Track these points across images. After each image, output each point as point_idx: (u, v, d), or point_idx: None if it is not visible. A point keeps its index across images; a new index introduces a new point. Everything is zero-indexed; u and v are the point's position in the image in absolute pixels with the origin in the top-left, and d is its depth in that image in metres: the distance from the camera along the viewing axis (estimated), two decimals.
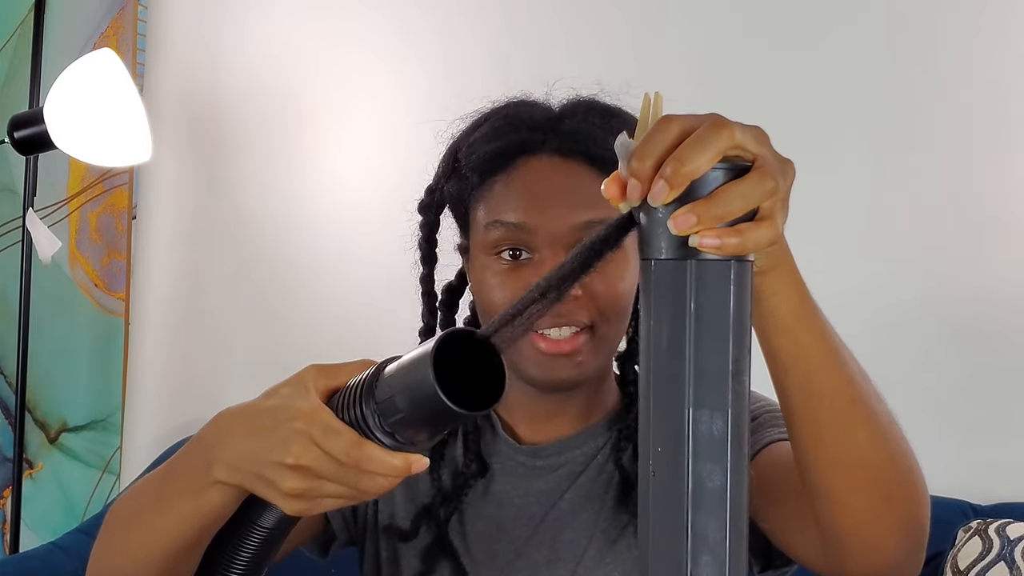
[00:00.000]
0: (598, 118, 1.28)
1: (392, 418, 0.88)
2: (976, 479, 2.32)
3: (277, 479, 0.91)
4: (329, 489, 0.91)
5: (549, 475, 1.32)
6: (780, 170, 0.74)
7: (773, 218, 0.73)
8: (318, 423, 0.90)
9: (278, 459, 0.91)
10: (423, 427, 0.89)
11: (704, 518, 0.71)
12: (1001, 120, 2.36)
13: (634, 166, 0.72)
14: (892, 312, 2.39)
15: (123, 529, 1.09)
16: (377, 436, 0.89)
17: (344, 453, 0.89)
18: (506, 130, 1.27)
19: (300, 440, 0.90)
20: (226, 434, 0.97)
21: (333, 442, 0.89)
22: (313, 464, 0.90)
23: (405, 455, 0.90)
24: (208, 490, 0.98)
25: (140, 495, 1.10)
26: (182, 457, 1.04)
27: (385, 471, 0.90)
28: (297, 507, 0.93)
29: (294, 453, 0.90)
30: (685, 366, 0.71)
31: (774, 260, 0.83)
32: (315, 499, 0.93)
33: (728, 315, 0.71)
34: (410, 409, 0.86)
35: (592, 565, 1.28)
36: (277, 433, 0.92)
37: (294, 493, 0.91)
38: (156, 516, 1.03)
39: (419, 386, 0.85)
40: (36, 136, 2.39)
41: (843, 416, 0.94)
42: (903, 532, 1.01)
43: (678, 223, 0.70)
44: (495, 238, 1.24)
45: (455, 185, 1.30)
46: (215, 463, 0.96)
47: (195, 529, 1.01)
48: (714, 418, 0.71)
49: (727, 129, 0.71)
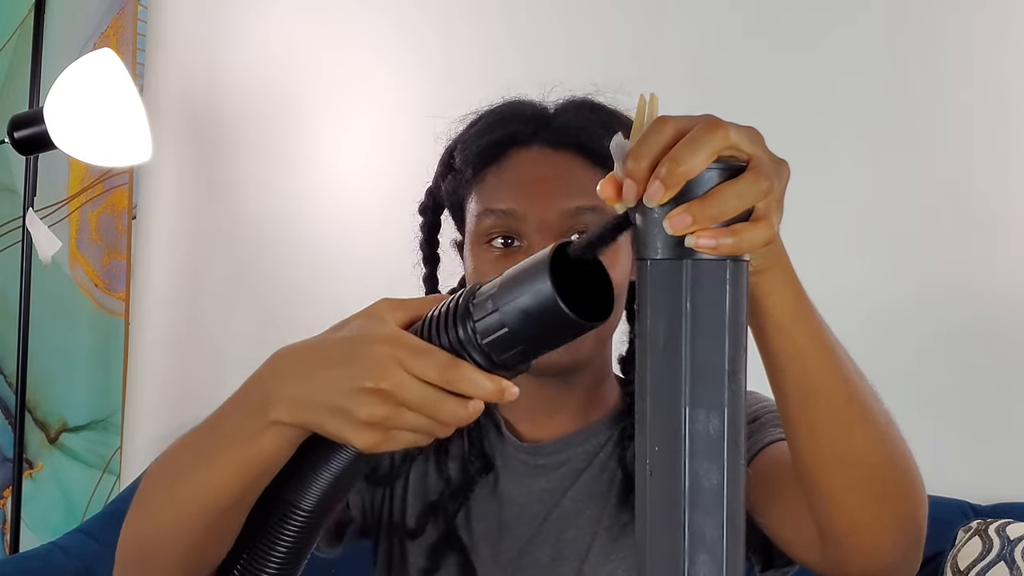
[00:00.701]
0: (590, 113, 1.31)
1: (494, 335, 0.82)
2: (976, 479, 2.32)
3: (353, 407, 0.84)
4: (408, 420, 0.85)
5: (552, 473, 1.32)
6: (775, 170, 0.74)
7: (768, 218, 0.73)
8: (405, 345, 0.84)
9: (357, 384, 0.84)
10: (527, 343, 0.83)
11: (701, 517, 0.71)
12: (1001, 120, 2.36)
13: (629, 166, 0.73)
14: (892, 312, 2.39)
15: (164, 486, 1.01)
16: (472, 357, 0.84)
17: (438, 372, 0.83)
18: (499, 124, 1.30)
19: (384, 362, 0.83)
20: (289, 370, 0.90)
21: (425, 362, 0.83)
22: (397, 388, 0.83)
23: (497, 378, 0.84)
24: (263, 433, 0.90)
25: (183, 449, 1.01)
26: (232, 403, 0.96)
27: (478, 392, 0.84)
28: (371, 439, 0.85)
29: (375, 376, 0.83)
30: (681, 366, 0.71)
31: (770, 260, 0.84)
32: (391, 431, 0.85)
33: (724, 315, 0.71)
34: (518, 322, 0.81)
35: (597, 563, 1.28)
36: (356, 360, 0.85)
37: (372, 421, 0.84)
38: (202, 468, 0.95)
39: (532, 296, 0.80)
40: (36, 136, 2.39)
41: (839, 415, 0.94)
42: (900, 531, 1.01)
43: (673, 223, 0.70)
44: (486, 226, 1.26)
45: (451, 182, 1.32)
46: (274, 402, 0.89)
47: (246, 479, 0.93)
48: (710, 417, 0.71)
49: (722, 129, 0.72)
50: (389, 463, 1.36)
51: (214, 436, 0.96)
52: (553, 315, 0.80)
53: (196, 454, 0.98)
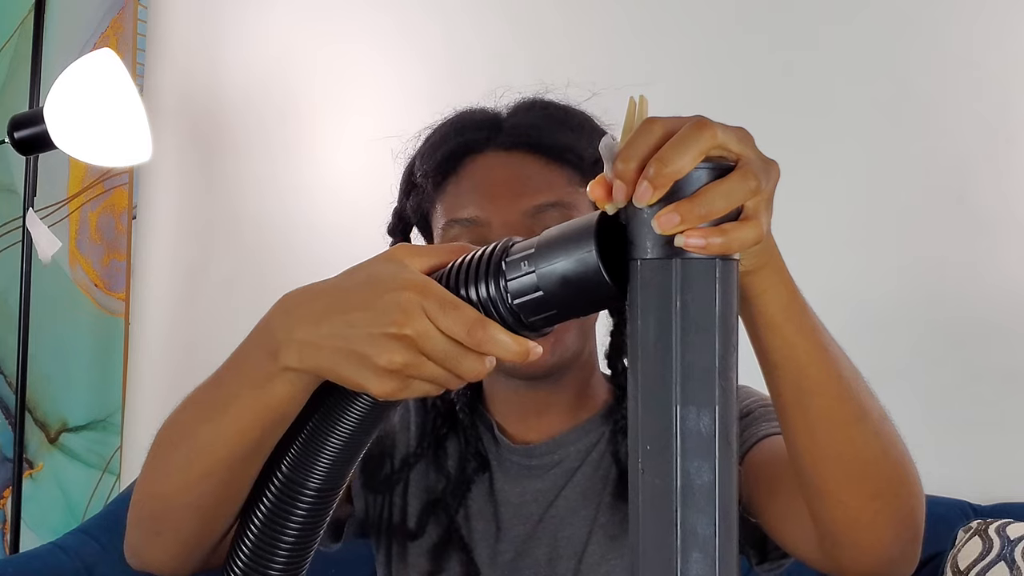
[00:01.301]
0: (541, 111, 1.31)
1: (527, 296, 0.80)
2: (976, 479, 2.32)
3: (374, 352, 0.81)
4: (428, 370, 0.82)
5: (546, 473, 1.33)
6: (763, 169, 0.75)
7: (757, 217, 0.74)
8: (432, 295, 0.81)
9: (379, 329, 0.81)
10: (559, 308, 0.81)
11: (693, 515, 0.72)
12: (1001, 120, 2.36)
13: (619, 168, 0.73)
14: (892, 311, 2.39)
15: (172, 444, 0.98)
16: (500, 316, 0.82)
17: (467, 330, 0.80)
18: (452, 135, 1.30)
19: (409, 308, 0.80)
20: (300, 314, 0.86)
21: (453, 316, 0.80)
22: (421, 337, 0.80)
23: (523, 339, 0.82)
24: (273, 381, 0.88)
25: (193, 403, 0.99)
26: (240, 352, 0.93)
27: (504, 354, 0.82)
28: (389, 386, 0.82)
29: (399, 321, 0.80)
30: (672, 364, 0.71)
31: (761, 259, 0.84)
32: (409, 380, 0.82)
33: (714, 313, 0.71)
34: (556, 287, 0.79)
35: (594, 561, 1.29)
36: (379, 303, 0.82)
37: (392, 368, 0.81)
38: (210, 422, 0.93)
39: (576, 264, 0.78)
40: (36, 136, 2.39)
41: (835, 412, 0.94)
42: (897, 527, 1.01)
43: (662, 223, 0.71)
44: (453, 236, 1.26)
45: (415, 199, 1.33)
46: (284, 347, 0.86)
47: (258, 429, 0.91)
48: (701, 415, 0.71)
49: (709, 130, 0.72)
50: (389, 469, 1.36)
51: (224, 387, 0.94)
52: (594, 284, 0.78)
53: (207, 407, 0.95)
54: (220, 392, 0.94)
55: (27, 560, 2.33)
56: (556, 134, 1.27)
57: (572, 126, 1.29)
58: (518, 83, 1.37)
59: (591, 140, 1.28)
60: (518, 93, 1.35)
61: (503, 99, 1.35)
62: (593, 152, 1.27)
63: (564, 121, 1.30)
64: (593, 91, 1.35)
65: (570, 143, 1.27)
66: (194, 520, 0.98)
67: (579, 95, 1.35)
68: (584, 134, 1.29)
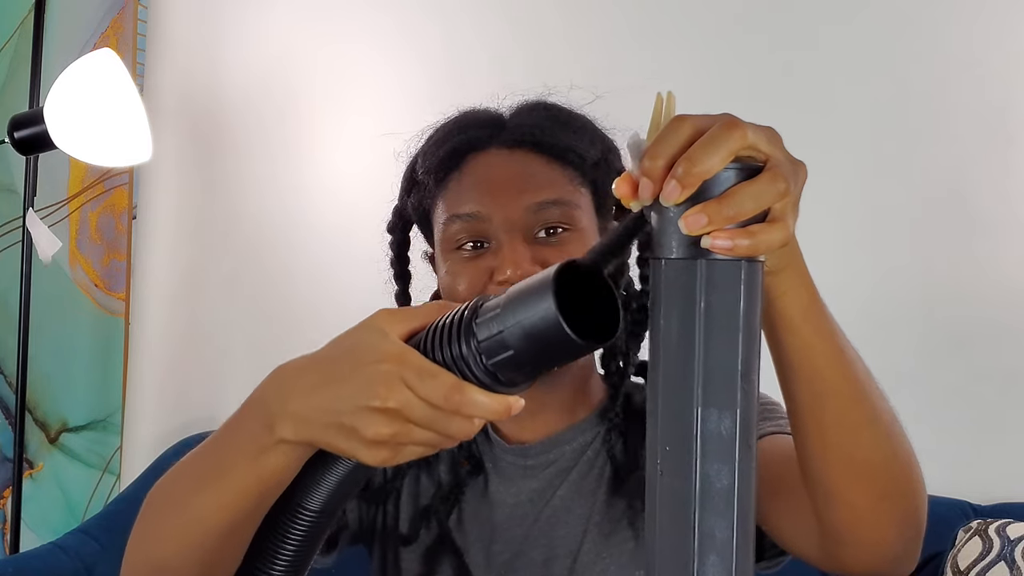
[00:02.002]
0: (543, 112, 1.32)
1: (499, 356, 0.82)
2: (976, 479, 2.32)
3: (361, 425, 0.84)
4: (416, 435, 0.85)
5: (540, 473, 1.33)
6: (792, 171, 0.74)
7: (784, 219, 0.73)
8: (410, 365, 0.83)
9: (363, 403, 0.83)
10: (532, 364, 0.83)
11: (711, 518, 0.71)
12: (1001, 119, 2.36)
13: (646, 165, 0.72)
14: (892, 312, 2.39)
15: (166, 511, 1.00)
16: (476, 376, 0.83)
17: (443, 397, 0.82)
18: (454, 132, 1.31)
19: (389, 381, 0.83)
20: (291, 388, 0.89)
21: (430, 385, 0.83)
22: (404, 407, 0.83)
23: (503, 397, 0.84)
24: (269, 452, 0.90)
25: (184, 472, 1.01)
26: (235, 421, 0.95)
27: (485, 414, 0.84)
28: (380, 456, 0.85)
29: (382, 395, 0.83)
30: (694, 365, 0.71)
31: (784, 260, 0.84)
32: (400, 446, 0.85)
33: (738, 315, 0.71)
34: (524, 344, 0.80)
35: (588, 560, 1.28)
36: (360, 377, 0.84)
37: (380, 439, 0.84)
38: (206, 491, 0.95)
39: (537, 318, 0.79)
40: (36, 136, 2.39)
41: (848, 415, 0.94)
42: (901, 527, 1.01)
43: (689, 223, 0.70)
44: (454, 232, 1.26)
45: (416, 196, 1.34)
46: (280, 420, 0.88)
47: (251, 501, 0.93)
48: (723, 417, 0.71)
49: (740, 129, 0.72)
50: (382, 479, 1.36)
51: (219, 456, 0.95)
52: (557, 337, 0.79)
53: (201, 475, 0.97)
54: (215, 462, 0.96)
55: (27, 560, 2.33)
56: (559, 134, 1.28)
57: (575, 128, 1.30)
58: (517, 84, 1.37)
59: (593, 142, 1.29)
60: (521, 95, 1.35)
61: (506, 101, 1.35)
62: (595, 154, 1.27)
63: (567, 123, 1.30)
64: (596, 94, 1.35)
65: (572, 144, 1.27)
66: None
67: (582, 98, 1.36)
68: (586, 136, 1.30)
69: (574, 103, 1.35)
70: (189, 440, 2.58)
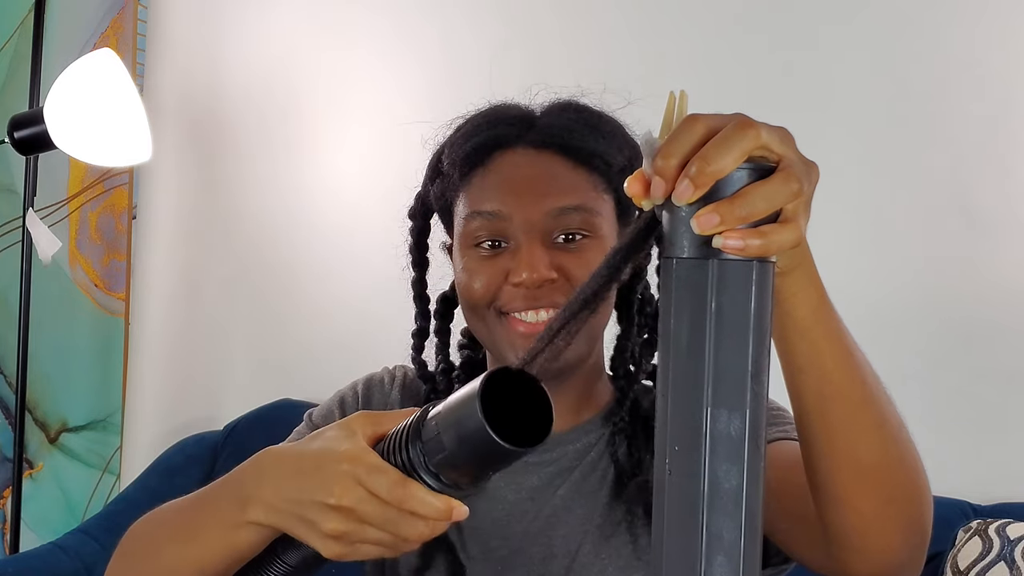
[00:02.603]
0: (574, 114, 1.31)
1: (437, 456, 0.89)
2: (976, 479, 2.32)
3: (319, 520, 0.92)
4: (370, 534, 0.93)
5: (542, 471, 1.32)
6: (805, 172, 0.74)
7: (796, 220, 0.73)
8: (363, 463, 0.92)
9: (320, 499, 0.92)
10: (468, 466, 0.89)
11: (719, 518, 0.71)
12: (1002, 119, 2.36)
13: (659, 164, 0.72)
14: (892, 312, 2.39)
15: (142, 556, 1.10)
16: (422, 477, 0.90)
17: (388, 491, 0.90)
18: (484, 127, 1.30)
19: (344, 481, 0.91)
20: (266, 474, 0.98)
21: (377, 480, 0.90)
22: (356, 505, 0.91)
23: (447, 498, 0.91)
24: (240, 529, 0.99)
25: (163, 523, 1.10)
26: (215, 491, 1.04)
27: (427, 511, 0.91)
28: (336, 550, 0.94)
29: (336, 493, 0.91)
30: (704, 365, 0.71)
31: (795, 261, 0.83)
32: (354, 544, 0.94)
33: (749, 316, 0.71)
34: (456, 446, 0.87)
35: (587, 561, 1.28)
36: (321, 474, 0.93)
37: (334, 535, 0.92)
38: (181, 546, 1.04)
39: (466, 421, 0.86)
40: (36, 136, 2.39)
41: (856, 418, 0.94)
42: (907, 533, 1.01)
43: (701, 223, 0.70)
44: (474, 228, 1.26)
45: (439, 186, 1.33)
46: (252, 503, 0.98)
47: (222, 564, 1.02)
48: (732, 418, 0.71)
49: (753, 129, 0.71)
50: None
51: (197, 518, 1.04)
52: (484, 442, 0.85)
53: (179, 529, 1.06)
54: (192, 522, 1.05)
55: (27, 560, 2.33)
56: (587, 138, 1.27)
57: (604, 133, 1.29)
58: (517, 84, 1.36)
59: (621, 148, 1.28)
60: (554, 93, 1.34)
61: (538, 98, 1.34)
62: (622, 160, 1.27)
63: (596, 127, 1.29)
64: (629, 99, 1.34)
65: (600, 149, 1.26)
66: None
67: (614, 102, 1.35)
68: (615, 142, 1.29)
69: (606, 106, 1.33)
70: (189, 440, 2.58)
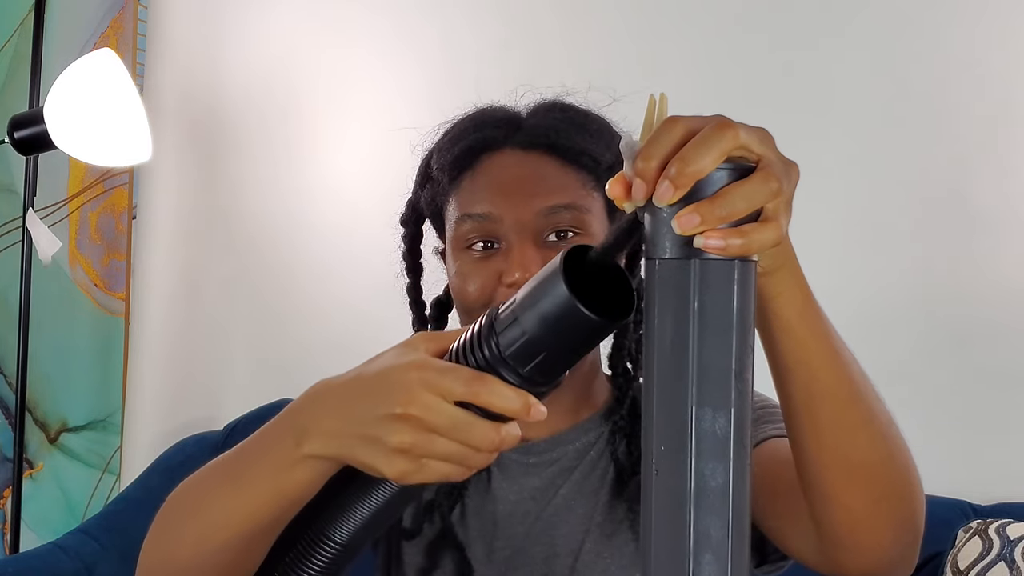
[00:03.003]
0: (560, 113, 1.32)
1: (515, 345, 0.83)
2: (976, 479, 2.32)
3: (383, 434, 0.85)
4: (439, 447, 0.85)
5: (543, 471, 1.33)
6: (784, 171, 0.75)
7: (777, 219, 0.73)
8: (430, 368, 0.85)
9: (385, 411, 0.85)
10: (547, 351, 0.83)
11: (706, 517, 0.72)
12: (1001, 119, 2.36)
13: (639, 166, 0.72)
14: (891, 311, 2.39)
15: (185, 516, 1.01)
16: (500, 372, 0.84)
17: (463, 386, 0.83)
18: (471, 130, 1.31)
19: (411, 387, 0.85)
20: (324, 403, 0.91)
21: (448, 379, 0.84)
22: (425, 412, 0.84)
23: (525, 393, 0.84)
24: (296, 467, 0.92)
25: (207, 479, 1.01)
26: (265, 433, 0.96)
27: (503, 403, 0.84)
28: (401, 467, 0.86)
29: (403, 401, 0.84)
30: (688, 365, 0.71)
31: (778, 261, 0.84)
32: (422, 460, 0.86)
33: (732, 314, 0.71)
34: (536, 326, 0.81)
35: (589, 560, 1.28)
36: (385, 386, 0.86)
37: (402, 448, 0.85)
38: (228, 499, 0.96)
39: (547, 297, 0.80)
40: (36, 136, 2.39)
41: (844, 417, 0.94)
42: (898, 531, 1.02)
43: (682, 223, 0.70)
44: (465, 231, 1.26)
45: (429, 191, 1.34)
46: (308, 436, 0.90)
47: (275, 509, 0.94)
48: (717, 417, 0.71)
49: (732, 130, 0.72)
50: None
51: (244, 465, 0.97)
52: (570, 314, 0.80)
53: (225, 482, 0.98)
54: (241, 468, 0.97)
55: (27, 560, 2.33)
56: (574, 137, 1.28)
57: (591, 131, 1.30)
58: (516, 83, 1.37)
59: (609, 146, 1.29)
60: (539, 93, 1.35)
61: (523, 99, 1.35)
62: (610, 157, 1.27)
63: (583, 125, 1.30)
64: (613, 96, 1.35)
65: (587, 147, 1.27)
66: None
67: (600, 100, 1.35)
68: (602, 139, 1.29)
69: (592, 104, 1.34)
70: (189, 440, 2.58)
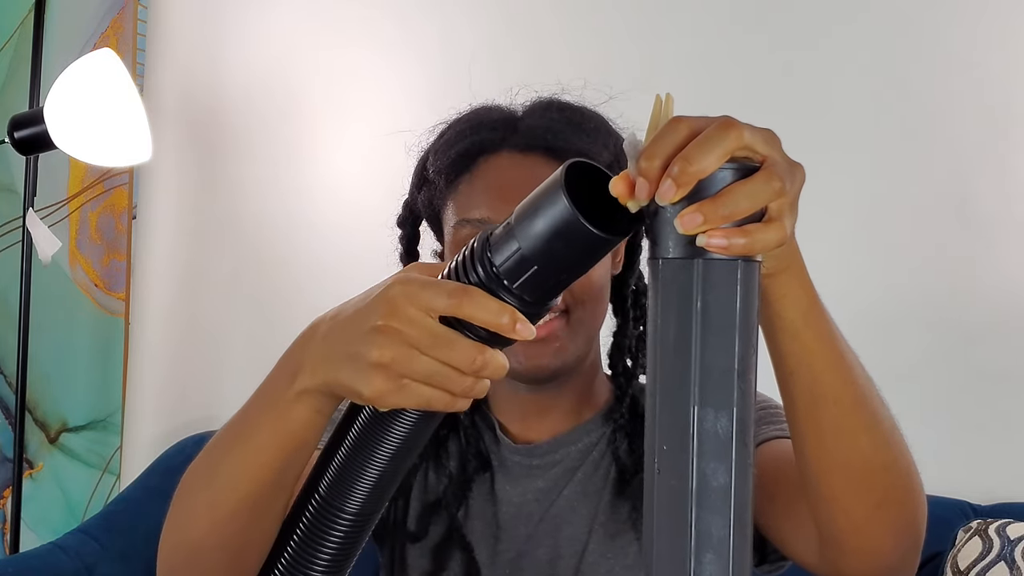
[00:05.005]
0: (556, 113, 1.31)
1: (508, 260, 0.78)
2: (976, 479, 2.32)
3: (364, 348, 0.80)
4: (419, 364, 0.79)
5: (547, 473, 1.33)
6: (789, 172, 0.74)
7: (781, 220, 0.73)
8: (414, 282, 0.81)
9: (368, 324, 0.81)
10: (539, 264, 0.78)
11: (708, 516, 0.71)
12: (1002, 119, 2.36)
13: (642, 165, 0.72)
14: (891, 312, 2.39)
15: (196, 489, 0.98)
16: (496, 293, 0.79)
17: (445, 297, 0.79)
18: (467, 133, 1.30)
19: (393, 300, 0.80)
20: (314, 336, 0.87)
21: (433, 290, 0.79)
22: (406, 325, 0.79)
23: (511, 308, 0.79)
24: (292, 407, 0.88)
25: (213, 445, 0.98)
26: (265, 382, 0.93)
27: (486, 315, 0.78)
28: (379, 385, 0.80)
29: (383, 313, 0.80)
30: (691, 364, 0.71)
31: (783, 262, 0.84)
32: (403, 380, 0.80)
33: (735, 314, 0.71)
34: (531, 239, 0.77)
35: (594, 560, 1.29)
36: (368, 304, 0.82)
37: (381, 362, 0.79)
38: (232, 456, 0.93)
39: (544, 206, 0.76)
40: (36, 136, 2.39)
41: (847, 420, 0.94)
42: (900, 534, 1.01)
43: (685, 222, 0.70)
44: (463, 236, 1.27)
45: (426, 194, 1.33)
46: (300, 370, 0.86)
47: (277, 462, 0.91)
48: (719, 417, 0.71)
49: (735, 130, 0.72)
50: None
51: (246, 419, 0.94)
52: (568, 226, 0.75)
53: (229, 441, 0.95)
54: (243, 425, 0.94)
55: (27, 560, 2.33)
56: (571, 137, 1.27)
57: (587, 130, 1.29)
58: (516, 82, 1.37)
59: (606, 144, 1.28)
60: (535, 92, 1.34)
61: (519, 98, 1.34)
62: (607, 156, 1.27)
63: (579, 124, 1.30)
64: (610, 94, 1.34)
65: (584, 147, 1.26)
66: (223, 562, 0.97)
67: (596, 97, 1.35)
68: (599, 138, 1.29)
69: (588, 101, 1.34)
70: (189, 440, 2.58)
